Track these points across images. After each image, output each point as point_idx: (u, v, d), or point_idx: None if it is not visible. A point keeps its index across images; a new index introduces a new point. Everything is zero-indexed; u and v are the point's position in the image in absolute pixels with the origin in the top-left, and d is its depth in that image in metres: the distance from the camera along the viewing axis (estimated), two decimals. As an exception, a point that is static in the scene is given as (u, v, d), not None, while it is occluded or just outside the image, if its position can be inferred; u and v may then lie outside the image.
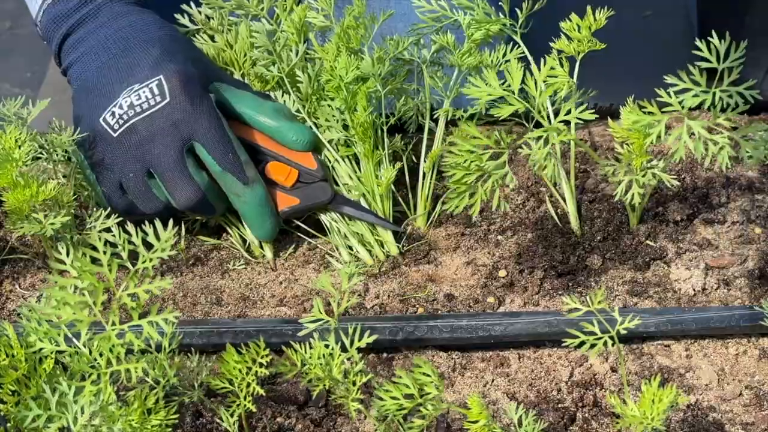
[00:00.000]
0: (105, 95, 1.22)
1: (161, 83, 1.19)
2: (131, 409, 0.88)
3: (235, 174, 1.20)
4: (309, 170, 1.26)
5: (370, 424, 1.06)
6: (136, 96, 1.19)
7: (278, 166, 1.26)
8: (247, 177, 1.21)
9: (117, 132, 1.19)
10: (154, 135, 1.19)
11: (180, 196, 1.20)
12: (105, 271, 0.84)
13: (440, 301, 1.21)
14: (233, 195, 1.22)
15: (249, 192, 1.21)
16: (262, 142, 1.26)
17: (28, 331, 0.92)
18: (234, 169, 1.20)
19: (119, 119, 1.19)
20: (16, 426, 0.88)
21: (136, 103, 1.19)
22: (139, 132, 1.19)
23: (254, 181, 1.22)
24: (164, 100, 1.19)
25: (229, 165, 1.20)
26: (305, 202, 1.26)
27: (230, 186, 1.21)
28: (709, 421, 1.06)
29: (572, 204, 1.26)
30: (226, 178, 1.20)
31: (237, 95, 1.25)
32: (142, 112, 1.19)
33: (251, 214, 1.23)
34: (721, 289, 1.19)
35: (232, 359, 0.96)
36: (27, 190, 1.16)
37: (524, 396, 1.10)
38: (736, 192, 1.28)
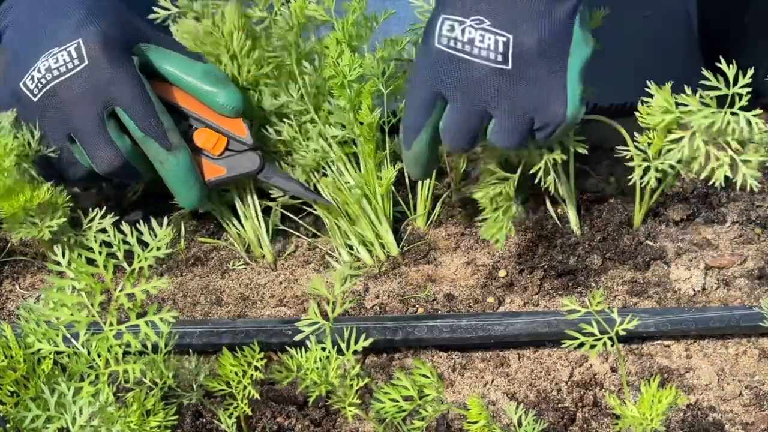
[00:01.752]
0: (26, 59, 1.18)
1: (79, 46, 1.16)
2: (130, 410, 0.88)
3: (158, 140, 1.17)
4: (239, 138, 1.23)
5: (370, 424, 1.06)
6: (54, 59, 1.16)
7: (206, 133, 1.23)
8: (170, 143, 1.18)
9: (37, 96, 1.17)
10: (73, 99, 1.16)
11: (101, 161, 1.17)
12: (102, 272, 0.83)
13: (440, 301, 1.20)
14: (156, 162, 1.19)
15: (172, 159, 1.19)
16: (190, 105, 1.23)
17: (27, 332, 0.91)
18: (156, 134, 1.17)
19: (38, 83, 1.16)
20: (15, 426, 0.87)
21: (53, 67, 1.16)
22: (59, 96, 1.16)
23: (178, 148, 1.19)
24: (82, 63, 1.16)
25: (151, 130, 1.17)
26: (232, 172, 1.23)
27: (153, 152, 1.18)
28: (709, 421, 1.06)
29: (572, 204, 1.25)
30: (148, 143, 1.17)
31: (164, 55, 1.22)
32: (59, 75, 1.16)
33: (174, 181, 1.20)
34: (721, 289, 1.19)
35: (228, 362, 0.96)
36: (21, 196, 1.16)
37: (524, 396, 1.09)
38: (736, 192, 1.28)
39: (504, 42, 1.09)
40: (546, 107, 1.10)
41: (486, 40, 1.09)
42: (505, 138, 1.12)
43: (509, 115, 1.11)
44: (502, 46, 1.09)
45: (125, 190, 1.35)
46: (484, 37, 1.09)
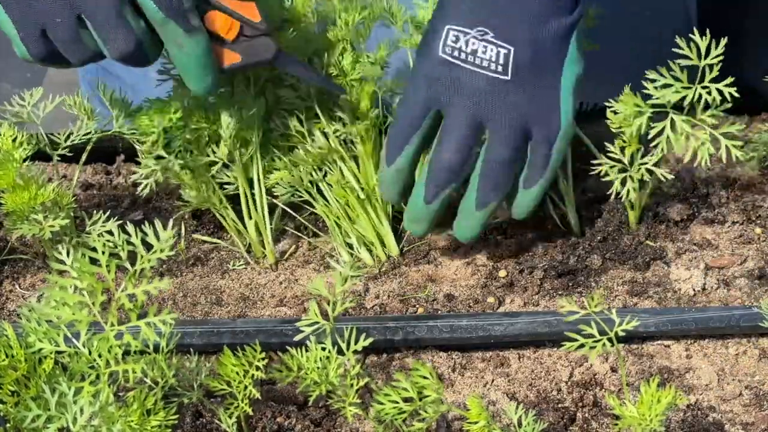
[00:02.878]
0: None
1: None
2: (131, 410, 0.88)
3: (178, 21, 1.08)
4: (252, 23, 1.15)
5: (370, 424, 1.06)
6: None
7: (219, 17, 1.14)
8: (192, 25, 1.10)
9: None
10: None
11: (115, 47, 1.08)
12: (104, 272, 0.84)
13: (440, 301, 1.20)
14: (174, 45, 1.10)
15: (192, 41, 1.10)
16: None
17: (28, 332, 0.92)
18: (177, 15, 1.08)
19: None
20: (15, 426, 0.88)
21: None
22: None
23: (198, 30, 1.10)
24: None
25: (173, 12, 1.07)
26: (247, 59, 1.15)
27: (171, 35, 1.09)
28: (709, 421, 1.06)
29: (572, 204, 1.26)
30: (168, 26, 1.08)
31: None
32: None
33: (192, 66, 1.12)
34: (721, 289, 1.19)
35: (229, 362, 0.96)
36: (26, 192, 1.15)
37: (524, 396, 1.09)
38: (736, 192, 1.28)
39: (505, 54, 1.11)
40: (541, 119, 1.13)
41: (489, 52, 1.11)
42: (499, 150, 1.13)
43: (505, 124, 1.13)
44: (503, 57, 1.11)
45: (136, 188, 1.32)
46: (486, 48, 1.11)
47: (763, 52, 1.33)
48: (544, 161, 1.15)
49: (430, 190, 1.16)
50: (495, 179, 1.15)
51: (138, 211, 1.34)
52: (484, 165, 1.15)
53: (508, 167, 1.15)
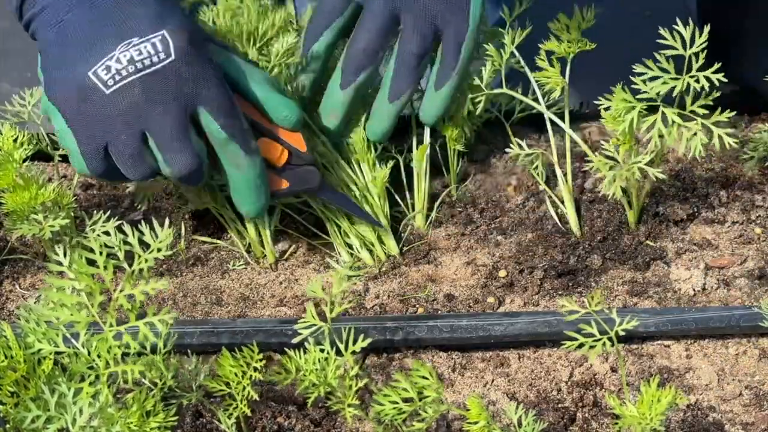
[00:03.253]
0: (95, 48, 1.08)
1: (165, 39, 1.07)
2: (130, 411, 0.88)
3: (239, 142, 1.11)
4: (299, 152, 1.19)
5: (369, 424, 1.06)
6: (137, 51, 1.06)
7: (269, 144, 1.18)
8: (251, 146, 1.13)
9: (110, 89, 1.07)
10: (154, 96, 1.07)
11: (178, 166, 1.10)
12: (102, 273, 0.83)
13: (440, 301, 1.20)
14: (232, 166, 1.13)
15: (250, 162, 1.13)
16: (253, 114, 1.17)
17: (27, 332, 0.91)
18: (239, 136, 1.11)
19: (115, 75, 1.06)
20: (15, 427, 0.87)
21: (137, 59, 1.06)
22: (137, 91, 1.07)
23: (255, 152, 1.13)
24: (168, 57, 1.07)
25: (236, 132, 1.11)
26: (294, 186, 1.19)
27: (232, 155, 1.12)
28: (709, 421, 1.06)
29: (571, 204, 1.26)
30: (229, 146, 1.11)
31: (228, 58, 1.15)
32: (143, 68, 1.06)
33: (247, 187, 1.15)
34: (721, 289, 1.19)
35: (227, 363, 0.96)
36: (26, 192, 1.14)
37: (524, 396, 1.09)
38: (736, 192, 1.28)
39: None
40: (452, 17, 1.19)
41: None
42: (410, 41, 1.19)
43: (419, 16, 1.19)
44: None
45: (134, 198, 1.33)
46: None
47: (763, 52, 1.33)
48: (454, 59, 1.20)
49: (346, 76, 1.21)
50: (407, 70, 1.20)
51: (137, 211, 1.34)
52: (397, 58, 1.20)
53: (419, 58, 1.20)
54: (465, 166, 1.36)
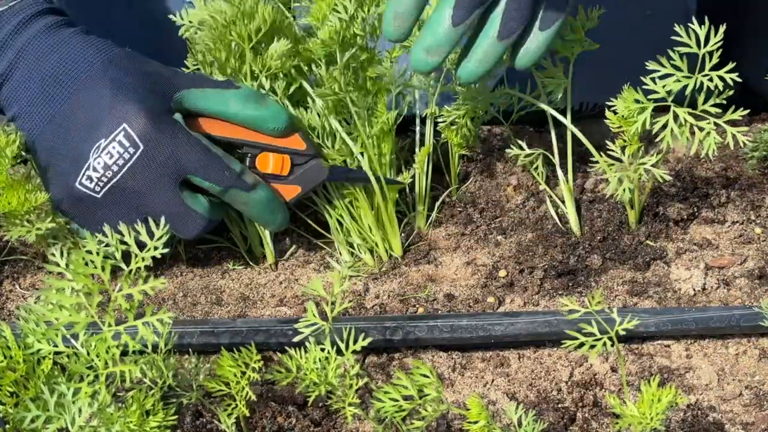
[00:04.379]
0: (72, 158, 1.13)
1: (127, 132, 1.11)
2: (130, 410, 0.88)
3: (237, 186, 1.15)
4: (299, 151, 1.20)
5: (369, 424, 1.06)
6: (108, 155, 1.11)
7: (268, 157, 1.20)
8: (249, 184, 1.16)
9: (100, 193, 1.13)
10: (142, 187, 1.13)
11: (186, 232, 1.16)
12: (100, 273, 0.83)
13: (440, 301, 1.20)
14: (240, 205, 1.17)
15: (254, 197, 1.17)
16: (243, 135, 1.19)
17: (27, 333, 0.91)
18: (234, 183, 1.15)
19: (98, 182, 1.12)
20: (14, 427, 0.87)
21: (110, 163, 1.11)
22: (125, 187, 1.13)
23: (256, 185, 1.17)
24: (137, 149, 1.11)
25: (229, 181, 1.15)
26: (306, 188, 1.21)
27: (235, 200, 1.17)
28: (709, 421, 1.06)
29: (571, 204, 1.25)
30: (228, 194, 1.16)
31: (198, 96, 1.17)
32: (119, 170, 1.12)
33: (261, 215, 1.19)
34: (721, 289, 1.19)
35: (227, 363, 0.96)
36: (14, 198, 1.14)
37: (524, 396, 1.09)
38: (736, 192, 1.28)
39: None
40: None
41: None
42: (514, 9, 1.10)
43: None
44: None
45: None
46: None
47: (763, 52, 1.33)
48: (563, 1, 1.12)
49: (459, 11, 1.09)
50: (520, 10, 1.10)
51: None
52: None
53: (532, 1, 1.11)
54: (465, 166, 1.36)
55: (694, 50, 1.09)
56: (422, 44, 1.11)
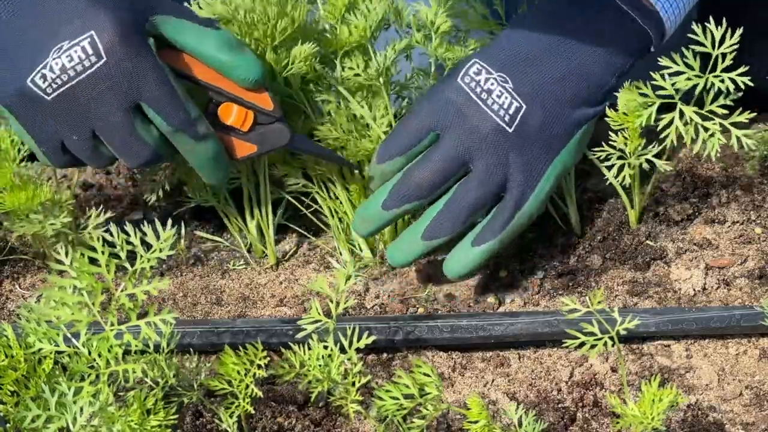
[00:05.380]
0: (27, 52, 1.08)
1: (94, 40, 1.05)
2: (131, 409, 0.88)
3: (187, 132, 1.10)
4: (265, 110, 1.16)
5: (370, 424, 1.06)
6: (68, 57, 1.06)
7: (232, 108, 1.15)
8: (199, 133, 1.11)
9: (50, 96, 1.07)
10: (95, 99, 1.07)
11: (130, 159, 1.10)
12: (103, 272, 0.83)
13: (440, 301, 1.20)
14: (185, 151, 1.13)
15: (201, 147, 1.12)
16: (212, 79, 1.14)
17: (27, 332, 0.92)
18: (185, 127, 1.10)
19: (51, 83, 1.06)
20: (15, 426, 0.88)
21: (68, 66, 1.06)
22: (78, 96, 1.07)
23: (206, 136, 1.12)
24: (100, 60, 1.06)
25: (180, 124, 1.10)
26: (263, 149, 1.17)
27: (181, 143, 1.12)
28: (710, 421, 1.06)
29: (572, 204, 1.25)
30: (176, 136, 1.11)
31: (177, 26, 1.12)
32: (76, 75, 1.06)
33: (204, 165, 1.14)
34: (721, 289, 1.19)
35: (230, 361, 0.96)
36: (23, 192, 1.14)
37: (524, 396, 1.09)
38: (736, 192, 1.28)
39: (517, 107, 1.14)
40: (519, 184, 1.15)
41: (503, 98, 1.14)
42: (471, 190, 1.14)
43: (489, 171, 1.14)
44: (513, 109, 1.14)
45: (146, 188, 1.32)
46: (502, 94, 1.14)
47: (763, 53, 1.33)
48: (503, 224, 1.15)
49: (393, 199, 1.16)
50: (453, 216, 1.14)
51: (138, 211, 1.34)
52: (450, 200, 1.15)
53: (470, 211, 1.14)
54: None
55: (708, 50, 1.08)
56: (358, 213, 1.19)
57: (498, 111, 1.14)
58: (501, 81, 1.14)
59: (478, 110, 1.14)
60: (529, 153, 1.15)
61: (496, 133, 1.14)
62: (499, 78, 1.14)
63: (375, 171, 1.18)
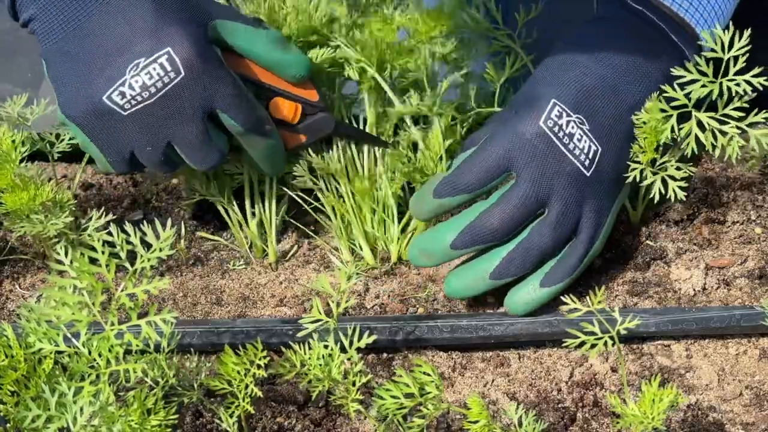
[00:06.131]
0: (104, 71, 1.09)
1: (171, 56, 1.09)
2: (131, 409, 0.88)
3: (257, 131, 1.16)
4: (311, 102, 1.22)
5: (370, 424, 1.06)
6: (147, 74, 1.08)
7: (283, 103, 1.21)
8: (266, 131, 1.17)
9: (128, 111, 1.10)
10: (172, 112, 1.11)
11: (203, 163, 1.15)
12: (103, 272, 0.83)
13: (440, 301, 1.20)
14: (251, 148, 1.18)
15: (268, 144, 1.18)
16: (262, 76, 1.20)
17: (28, 332, 0.91)
18: (256, 128, 1.15)
19: (131, 100, 1.09)
20: (15, 426, 0.87)
21: (149, 84, 1.09)
22: (156, 110, 1.10)
23: (271, 133, 1.18)
24: (179, 75, 1.09)
25: (253, 125, 1.15)
26: (311, 138, 1.23)
27: (250, 142, 1.17)
28: (710, 421, 1.06)
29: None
30: (247, 136, 1.16)
31: (231, 29, 1.15)
32: (157, 92, 1.09)
33: (266, 161, 1.20)
34: (721, 289, 1.19)
35: (230, 360, 0.96)
36: (24, 192, 1.15)
37: (524, 396, 1.09)
38: (736, 192, 1.28)
39: (594, 151, 1.14)
40: (592, 223, 1.14)
41: (583, 142, 1.14)
42: (546, 234, 1.13)
43: (567, 215, 1.13)
44: (592, 153, 1.14)
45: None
46: (582, 138, 1.14)
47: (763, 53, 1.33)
48: (574, 266, 1.14)
49: (463, 240, 1.13)
50: (525, 258, 1.13)
51: (138, 211, 1.34)
52: (524, 240, 1.13)
53: (543, 254, 1.13)
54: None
55: (719, 55, 1.08)
56: (420, 246, 1.16)
57: (579, 156, 1.13)
58: (579, 123, 1.14)
59: (560, 155, 1.13)
60: (600, 193, 1.15)
61: (576, 178, 1.13)
62: (578, 120, 1.14)
63: (429, 204, 1.16)
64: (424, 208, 1.17)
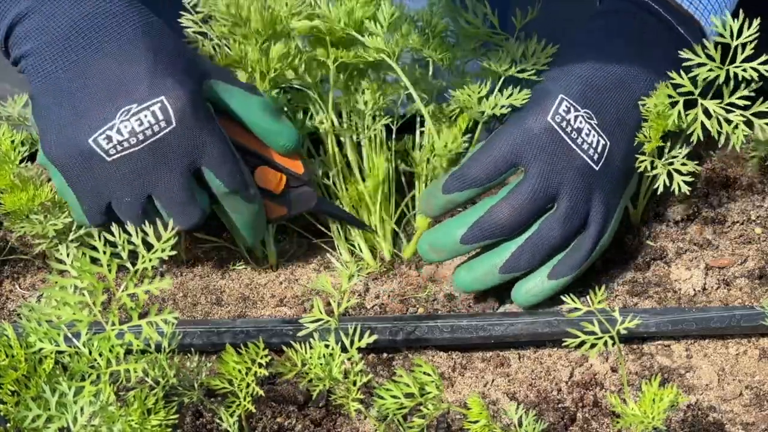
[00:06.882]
0: (92, 112, 1.07)
1: (164, 106, 1.07)
2: (131, 409, 0.88)
3: (241, 193, 1.14)
4: (296, 174, 1.20)
5: (370, 424, 1.06)
6: (137, 121, 1.06)
7: (268, 172, 1.19)
8: (250, 195, 1.15)
9: (112, 157, 1.07)
10: (158, 164, 1.08)
11: (183, 221, 1.12)
12: (105, 272, 0.84)
13: (440, 301, 1.21)
14: (234, 212, 1.15)
15: (250, 209, 1.16)
16: (250, 142, 1.18)
17: (28, 332, 0.91)
18: (240, 189, 1.13)
19: (117, 145, 1.06)
20: (16, 426, 0.87)
21: (138, 130, 1.06)
22: (141, 160, 1.08)
23: (255, 198, 1.16)
24: (169, 126, 1.07)
25: (238, 186, 1.13)
26: (292, 212, 1.21)
27: (233, 204, 1.15)
28: (710, 421, 1.06)
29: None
30: (230, 198, 1.14)
31: (227, 91, 1.14)
32: (145, 140, 1.07)
33: (247, 226, 1.18)
34: (721, 289, 1.19)
35: (231, 360, 0.96)
36: (24, 193, 1.15)
37: (524, 396, 1.09)
38: (736, 192, 1.28)
39: (603, 145, 1.15)
40: (601, 218, 1.15)
41: (591, 137, 1.14)
42: (555, 228, 1.13)
43: (576, 209, 1.13)
44: (601, 147, 1.14)
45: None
46: (590, 132, 1.14)
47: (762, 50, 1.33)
48: (582, 259, 1.15)
49: (473, 234, 1.14)
50: (535, 252, 1.14)
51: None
52: (533, 235, 1.14)
53: (553, 248, 1.14)
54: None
55: (727, 41, 1.09)
56: (430, 242, 1.17)
57: (587, 150, 1.14)
58: (587, 118, 1.14)
59: (569, 150, 1.13)
60: (609, 187, 1.16)
61: (585, 172, 1.14)
62: (586, 115, 1.14)
63: (439, 200, 1.17)
64: (433, 204, 1.18)
